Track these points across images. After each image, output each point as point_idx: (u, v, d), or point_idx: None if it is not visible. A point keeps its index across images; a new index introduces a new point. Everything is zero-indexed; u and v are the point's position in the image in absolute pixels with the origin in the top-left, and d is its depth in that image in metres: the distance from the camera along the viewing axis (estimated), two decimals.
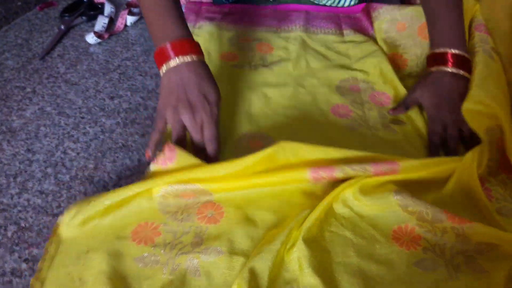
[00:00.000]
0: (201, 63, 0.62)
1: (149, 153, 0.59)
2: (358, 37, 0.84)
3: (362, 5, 0.92)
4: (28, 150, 0.64)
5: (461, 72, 0.66)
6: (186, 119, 0.59)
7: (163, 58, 0.61)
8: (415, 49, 0.78)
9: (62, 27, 0.88)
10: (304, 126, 0.66)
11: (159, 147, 0.58)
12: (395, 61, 0.78)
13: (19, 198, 0.58)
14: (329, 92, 0.72)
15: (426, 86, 0.68)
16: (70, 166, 0.62)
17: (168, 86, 0.60)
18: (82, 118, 0.69)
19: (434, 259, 0.49)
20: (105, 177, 0.60)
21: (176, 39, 0.61)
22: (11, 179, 0.60)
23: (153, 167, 0.56)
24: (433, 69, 0.68)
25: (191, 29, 0.74)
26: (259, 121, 0.67)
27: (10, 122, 0.68)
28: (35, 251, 0.52)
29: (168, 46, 0.60)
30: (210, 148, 0.59)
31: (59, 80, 0.77)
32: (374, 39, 0.84)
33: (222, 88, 0.64)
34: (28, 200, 0.57)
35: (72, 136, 0.66)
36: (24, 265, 0.50)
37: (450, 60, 0.67)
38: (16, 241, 0.53)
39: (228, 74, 0.74)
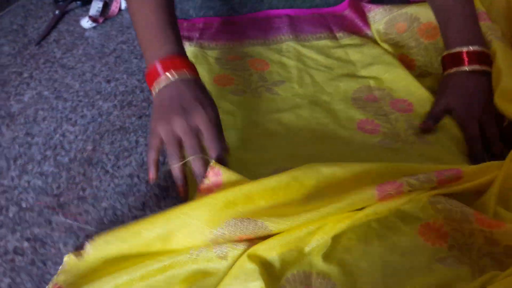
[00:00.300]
0: (197, 80, 0.57)
1: (152, 175, 0.54)
2: (354, 40, 0.80)
3: (346, 2, 0.88)
4: (27, 134, 0.65)
5: (482, 67, 0.64)
6: (178, 125, 0.52)
7: (153, 77, 0.56)
8: (419, 50, 0.76)
9: (57, 12, 0.89)
10: (333, 149, 0.61)
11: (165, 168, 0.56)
12: (403, 63, 0.74)
13: (19, 180, 0.59)
14: (347, 108, 0.67)
15: (450, 90, 0.65)
16: (69, 148, 0.63)
17: (160, 101, 0.55)
18: (80, 101, 0.70)
19: (459, 257, 0.48)
20: (104, 158, 0.62)
21: (166, 56, 0.56)
22: (11, 162, 0.61)
23: (197, 196, 0.52)
24: (451, 71, 0.66)
25: None
26: (283, 154, 0.60)
27: (9, 107, 0.69)
28: (36, 230, 0.53)
29: (158, 64, 0.56)
30: (214, 150, 0.52)
31: (56, 65, 0.78)
32: (372, 40, 0.81)
33: (229, 122, 0.62)
34: (28, 181, 0.59)
35: (70, 119, 0.67)
36: (26, 244, 0.52)
37: (466, 59, 0.65)
38: (18, 221, 0.54)
39: (231, 104, 0.67)
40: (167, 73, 0.55)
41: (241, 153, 0.60)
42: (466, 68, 0.64)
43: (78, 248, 0.50)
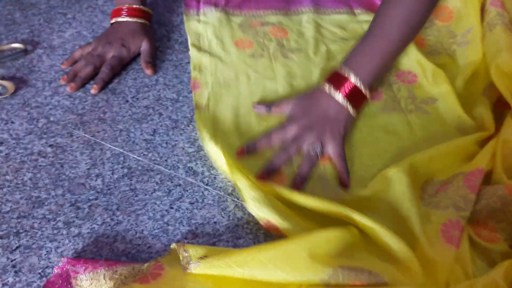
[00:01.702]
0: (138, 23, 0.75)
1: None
2: (371, 16, 0.79)
3: None
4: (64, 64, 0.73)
5: (349, 108, 0.61)
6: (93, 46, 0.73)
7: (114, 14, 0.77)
8: (432, 30, 0.78)
9: None
10: None
11: None
12: (414, 40, 0.76)
13: (51, 99, 0.67)
14: None
15: (301, 97, 0.64)
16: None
17: (108, 30, 0.76)
18: None
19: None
20: (126, 90, 0.69)
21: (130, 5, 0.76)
22: (47, 84, 0.69)
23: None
24: (322, 87, 0.63)
25: (194, 16, 0.81)
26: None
27: (51, 40, 0.78)
28: (59, 139, 0.61)
29: (125, 8, 0.76)
30: (102, 74, 0.69)
31: (97, 11, 0.85)
32: None
33: (243, 82, 0.69)
34: (58, 101, 0.66)
35: None
36: (49, 149, 0.60)
37: (346, 88, 0.61)
38: (45, 131, 0.62)
39: (248, 66, 0.73)
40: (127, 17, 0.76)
41: (248, 115, 0.65)
42: (338, 96, 0.61)
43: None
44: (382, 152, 0.61)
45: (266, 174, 0.55)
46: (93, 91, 0.67)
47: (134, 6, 0.76)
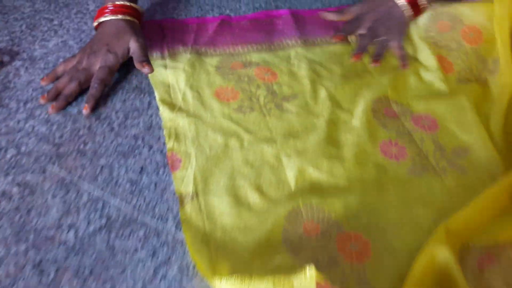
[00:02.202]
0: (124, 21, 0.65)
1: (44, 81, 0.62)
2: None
3: None
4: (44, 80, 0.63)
5: (409, 13, 0.71)
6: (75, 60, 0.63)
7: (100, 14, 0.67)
8: (460, 53, 0.68)
9: None
10: (360, 186, 0.53)
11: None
12: (441, 64, 0.67)
13: (25, 123, 0.57)
14: (368, 122, 0.59)
15: (371, 4, 0.74)
16: (81, 100, 0.60)
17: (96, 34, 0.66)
18: None
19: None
20: (113, 115, 0.59)
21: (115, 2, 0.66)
22: (21, 105, 0.59)
23: None
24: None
25: (159, 60, 0.66)
26: (302, 190, 0.52)
27: (32, 51, 0.68)
28: (29, 176, 0.51)
29: (109, 6, 0.66)
30: (93, 90, 0.59)
31: (87, 17, 0.76)
32: None
33: (235, 147, 0.55)
34: (33, 126, 0.57)
35: None
36: (15, 189, 0.50)
37: (422, 3, 0.71)
38: (13, 165, 0.52)
39: (237, 125, 0.58)
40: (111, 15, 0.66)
41: (246, 200, 0.51)
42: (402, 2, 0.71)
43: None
44: (421, 232, 0.48)
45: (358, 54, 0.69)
46: (85, 112, 0.58)
47: (120, 2, 0.66)
